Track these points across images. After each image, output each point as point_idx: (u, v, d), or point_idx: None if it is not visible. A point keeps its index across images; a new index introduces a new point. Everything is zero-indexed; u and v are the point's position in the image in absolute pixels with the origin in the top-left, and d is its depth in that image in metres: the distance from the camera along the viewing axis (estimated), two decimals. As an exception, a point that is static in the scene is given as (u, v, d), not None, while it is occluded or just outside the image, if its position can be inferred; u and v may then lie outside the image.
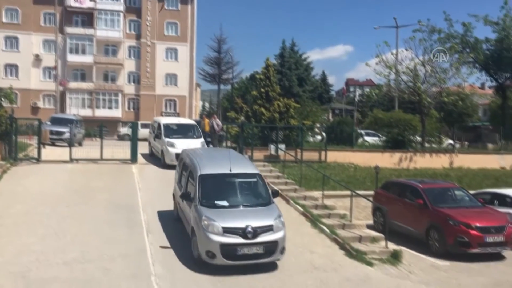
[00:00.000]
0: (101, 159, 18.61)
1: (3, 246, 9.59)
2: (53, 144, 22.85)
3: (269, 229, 9.08)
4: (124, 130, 36.23)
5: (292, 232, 9.48)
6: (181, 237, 10.56)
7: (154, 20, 50.45)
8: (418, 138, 26.19)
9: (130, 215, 12.08)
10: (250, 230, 8.84)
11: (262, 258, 9.02)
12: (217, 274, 8.74)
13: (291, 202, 14.23)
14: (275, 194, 10.53)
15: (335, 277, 9.38)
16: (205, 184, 9.79)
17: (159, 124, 20.36)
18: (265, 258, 9.04)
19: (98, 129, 21.65)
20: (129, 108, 50.90)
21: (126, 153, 18.95)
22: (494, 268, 11.22)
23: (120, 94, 50.01)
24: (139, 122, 29.95)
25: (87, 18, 49.52)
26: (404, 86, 28.16)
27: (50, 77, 47.58)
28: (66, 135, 22.36)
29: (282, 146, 20.38)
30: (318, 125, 28.10)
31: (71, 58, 48.43)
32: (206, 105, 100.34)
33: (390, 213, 12.57)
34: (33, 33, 47.74)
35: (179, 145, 17.79)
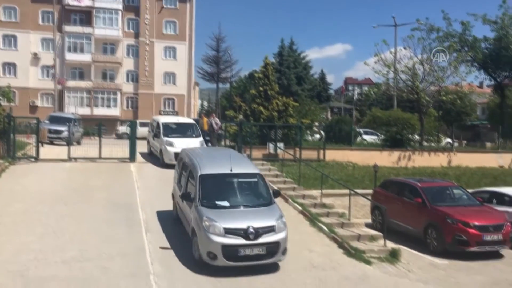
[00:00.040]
0: (99, 158, 18.60)
1: (2, 245, 9.57)
2: (51, 142, 22.84)
3: (271, 229, 8.99)
4: (122, 129, 36.16)
5: (290, 231, 9.47)
6: (179, 236, 10.55)
7: (153, 18, 50.37)
8: (417, 137, 26.24)
9: (129, 214, 12.07)
10: (251, 231, 8.75)
11: (264, 259, 8.92)
12: (216, 273, 8.72)
13: (290, 200, 14.24)
14: (276, 194, 10.45)
15: (334, 275, 9.39)
16: (205, 184, 9.66)
17: (158, 123, 20.31)
18: (267, 259, 8.95)
19: (97, 127, 21.58)
20: (127, 106, 50.86)
21: (124, 152, 18.95)
22: (492, 266, 11.24)
23: (118, 93, 49.95)
24: (138, 121, 29.86)
25: (86, 16, 49.44)
26: (402, 84, 28.22)
27: (48, 75, 47.47)
28: (65, 134, 22.32)
29: (281, 145, 20.38)
30: (317, 123, 28.09)
31: (70, 56, 48.37)
32: (205, 103, 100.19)
33: (389, 211, 12.58)
34: (31, 31, 47.64)
35: (178, 144, 17.72)
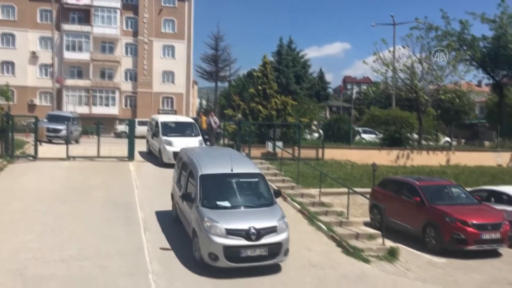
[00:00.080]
0: (98, 157, 18.58)
1: (0, 244, 9.55)
2: (50, 141, 22.79)
3: (272, 230, 8.90)
4: (121, 128, 36.07)
5: (289, 229, 9.50)
6: (178, 235, 10.54)
7: (151, 17, 50.33)
8: (415, 136, 26.26)
9: (128, 213, 12.05)
10: (253, 231, 8.65)
11: (265, 260, 8.84)
12: (215, 272, 8.71)
13: (288, 199, 14.25)
14: (277, 194, 10.34)
15: (332, 274, 9.40)
16: (206, 184, 9.52)
17: (157, 122, 20.19)
18: (268, 260, 8.86)
19: (95, 126, 21.56)
20: (126, 105, 50.84)
21: (123, 150, 18.92)
22: (490, 265, 11.26)
23: (117, 92, 49.91)
24: (136, 120, 29.86)
25: (84, 15, 49.38)
26: (401, 83, 28.25)
27: (46, 74, 47.46)
28: (63, 133, 22.27)
29: (280, 143, 20.37)
30: (316, 122, 28.10)
31: (68, 55, 48.31)
32: (203, 102, 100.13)
33: (387, 210, 12.59)
34: (29, 30, 47.58)
35: (177, 143, 17.62)
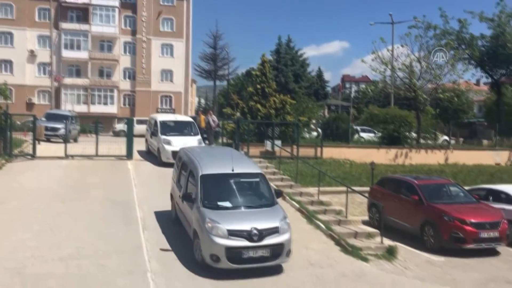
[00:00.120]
0: (96, 156, 18.57)
1: (-2, 243, 9.55)
2: (48, 140, 22.74)
3: (275, 231, 8.80)
4: (119, 126, 36.07)
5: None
6: (176, 234, 10.52)
7: (150, 15, 50.24)
8: (414, 135, 26.28)
9: (126, 212, 12.04)
10: (255, 232, 8.54)
11: (268, 261, 8.73)
12: (214, 272, 8.67)
13: (287, 198, 14.23)
14: (279, 194, 10.22)
15: (331, 273, 9.40)
16: (207, 184, 9.39)
17: (156, 121, 20.11)
18: (271, 261, 8.75)
19: (94, 125, 21.52)
20: (124, 104, 50.76)
21: (121, 149, 18.91)
22: (489, 263, 11.27)
23: (115, 90, 49.82)
24: (135, 118, 29.86)
25: (82, 13, 49.24)
26: (399, 82, 28.24)
27: (45, 73, 47.39)
28: (61, 131, 22.24)
29: (278, 142, 20.38)
30: (314, 121, 28.10)
31: (66, 54, 48.19)
32: (202, 101, 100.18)
33: (386, 209, 12.58)
34: (27, 28, 47.44)
35: (176, 142, 17.58)
